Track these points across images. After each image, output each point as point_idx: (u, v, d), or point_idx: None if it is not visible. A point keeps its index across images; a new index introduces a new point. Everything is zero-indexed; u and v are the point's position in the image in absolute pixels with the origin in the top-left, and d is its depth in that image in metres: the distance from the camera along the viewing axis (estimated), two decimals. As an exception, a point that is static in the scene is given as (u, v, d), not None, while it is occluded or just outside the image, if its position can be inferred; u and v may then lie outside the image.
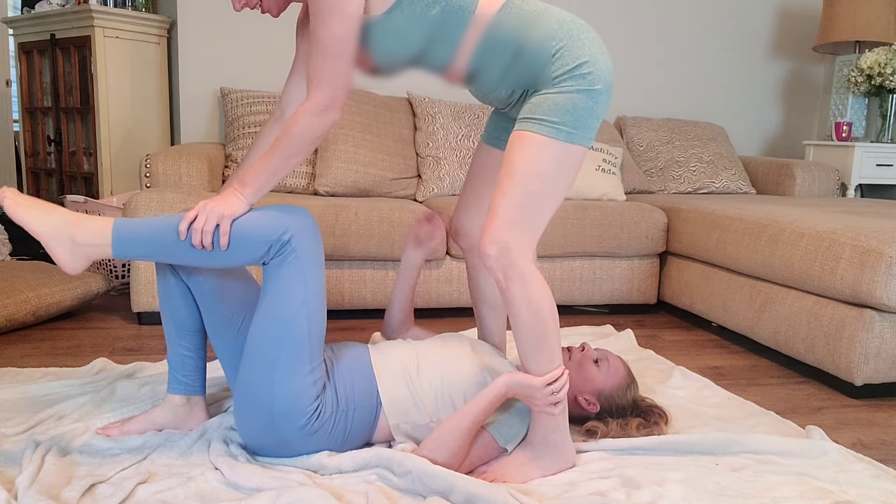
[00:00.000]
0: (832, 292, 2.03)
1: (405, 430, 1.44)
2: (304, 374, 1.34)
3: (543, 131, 1.30)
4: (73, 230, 1.30)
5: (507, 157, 1.33)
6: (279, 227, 1.33)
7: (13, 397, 1.66)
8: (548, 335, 1.33)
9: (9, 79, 4.14)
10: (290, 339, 1.33)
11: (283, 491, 1.22)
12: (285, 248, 1.33)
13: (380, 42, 1.33)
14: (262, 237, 1.32)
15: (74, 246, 1.30)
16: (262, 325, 1.33)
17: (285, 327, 1.32)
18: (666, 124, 3.59)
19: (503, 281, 1.32)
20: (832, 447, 1.55)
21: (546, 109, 1.30)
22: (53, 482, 1.24)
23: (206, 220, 1.30)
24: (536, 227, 1.33)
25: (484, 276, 1.68)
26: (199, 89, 3.22)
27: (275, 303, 1.33)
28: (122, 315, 2.52)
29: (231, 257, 1.33)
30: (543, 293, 1.33)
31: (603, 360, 1.60)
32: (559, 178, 1.32)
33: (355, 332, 2.41)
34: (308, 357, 1.35)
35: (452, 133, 3.08)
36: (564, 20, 1.34)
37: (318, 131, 1.31)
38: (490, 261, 1.31)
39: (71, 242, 1.30)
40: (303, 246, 1.34)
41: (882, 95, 3.59)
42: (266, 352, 1.33)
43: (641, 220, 2.76)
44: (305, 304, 1.34)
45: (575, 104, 1.30)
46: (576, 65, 1.30)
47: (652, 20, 3.77)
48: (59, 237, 1.30)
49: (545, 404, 1.35)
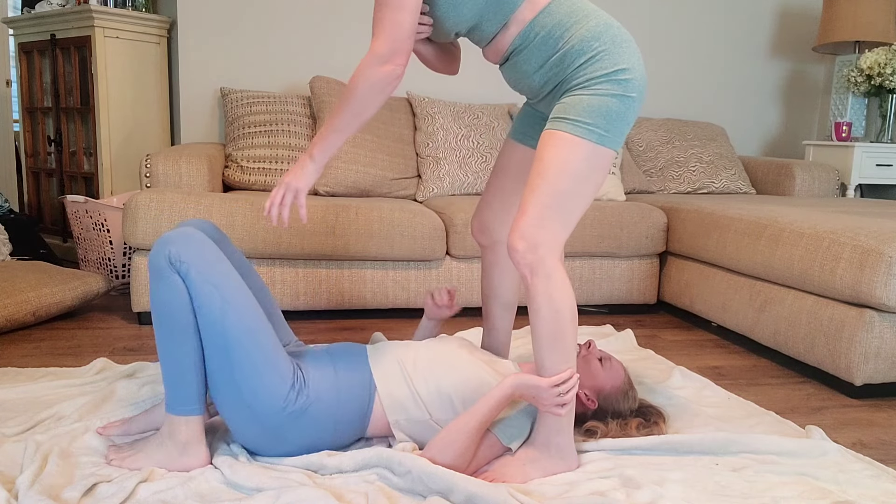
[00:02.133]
0: (832, 292, 2.03)
1: (404, 427, 1.44)
2: (264, 363, 1.33)
3: (576, 132, 1.32)
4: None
5: (539, 156, 1.34)
6: (161, 255, 1.31)
7: (13, 397, 1.66)
8: (565, 335, 1.34)
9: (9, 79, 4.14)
10: (231, 340, 1.31)
11: (283, 491, 1.22)
12: (180, 268, 1.31)
13: (441, 2, 1.36)
14: (158, 266, 1.31)
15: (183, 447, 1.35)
16: (205, 341, 1.33)
17: (221, 332, 1.31)
18: (666, 124, 3.59)
19: (529, 277, 1.33)
20: (832, 447, 1.55)
21: (580, 111, 1.32)
22: (54, 482, 1.24)
23: (284, 194, 1.40)
24: (565, 226, 1.34)
25: (499, 275, 1.69)
26: (199, 89, 3.22)
27: (201, 316, 1.32)
28: (122, 315, 2.52)
29: (155, 298, 1.33)
30: (566, 293, 1.34)
31: (607, 360, 1.60)
32: (589, 178, 1.34)
33: (355, 332, 2.41)
34: (258, 348, 1.33)
35: (452, 133, 3.08)
36: (611, 24, 1.36)
37: (378, 83, 1.32)
38: (518, 256, 1.33)
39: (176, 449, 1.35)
40: (190, 256, 1.31)
41: (882, 95, 3.59)
42: (220, 361, 1.32)
43: (641, 220, 2.76)
44: (226, 302, 1.32)
45: (609, 108, 1.32)
46: (614, 69, 1.32)
47: (652, 20, 3.77)
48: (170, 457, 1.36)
49: (552, 405, 1.35)
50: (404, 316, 2.67)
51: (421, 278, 2.58)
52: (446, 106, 3.16)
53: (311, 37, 3.31)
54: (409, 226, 2.48)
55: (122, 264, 2.84)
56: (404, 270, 2.56)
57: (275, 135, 2.89)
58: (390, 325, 2.53)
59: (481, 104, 3.27)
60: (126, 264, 2.85)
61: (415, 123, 3.16)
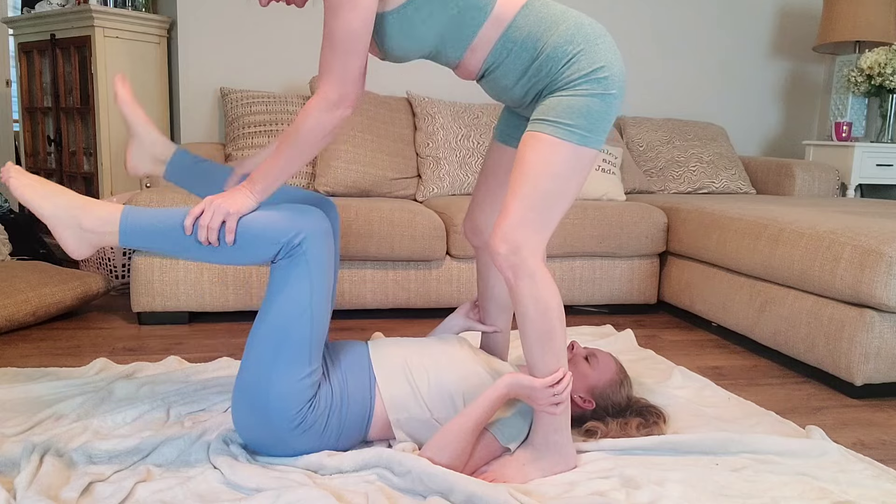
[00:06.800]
0: (832, 292, 2.02)
1: (405, 425, 1.44)
2: (303, 376, 1.34)
3: (557, 133, 1.31)
4: (80, 215, 1.28)
5: (520, 157, 1.34)
6: (292, 228, 1.31)
7: (13, 397, 1.65)
8: (554, 335, 1.34)
9: (9, 79, 4.14)
10: (291, 341, 1.33)
11: (283, 491, 1.22)
12: (296, 251, 1.32)
13: (391, 36, 1.33)
14: (273, 237, 1.31)
15: (82, 231, 1.28)
16: (266, 324, 1.33)
17: (288, 329, 1.32)
18: (666, 124, 3.59)
19: (512, 279, 1.32)
20: (832, 447, 1.55)
21: (560, 111, 1.31)
22: (52, 482, 1.24)
23: (213, 217, 1.29)
24: (547, 227, 1.34)
25: (495, 275, 1.69)
26: (199, 89, 3.21)
27: (280, 304, 1.33)
28: (122, 315, 2.52)
29: (240, 255, 1.32)
30: (552, 293, 1.33)
31: (593, 356, 1.60)
32: (571, 179, 1.33)
33: (355, 332, 2.41)
34: (308, 360, 1.35)
35: (452, 133, 3.08)
36: (582, 24, 1.35)
37: (327, 127, 1.29)
38: (500, 259, 1.32)
39: (79, 228, 1.28)
40: (313, 250, 1.33)
41: (882, 95, 3.59)
42: (267, 350, 1.33)
43: (641, 220, 2.76)
44: (310, 307, 1.33)
45: (589, 107, 1.31)
46: (592, 69, 1.31)
47: (652, 20, 3.77)
48: (66, 221, 1.28)
49: (547, 404, 1.35)
50: (404, 316, 2.67)
51: (421, 278, 2.57)
52: (446, 106, 3.16)
53: (311, 37, 3.31)
54: (409, 226, 2.48)
55: (121, 264, 2.84)
56: (404, 270, 2.56)
57: (275, 135, 2.89)
58: (390, 325, 2.52)
59: (481, 104, 3.27)
60: (126, 264, 2.85)
61: (415, 123, 3.16)
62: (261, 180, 1.32)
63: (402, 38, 1.33)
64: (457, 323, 1.76)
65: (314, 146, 1.31)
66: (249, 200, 1.32)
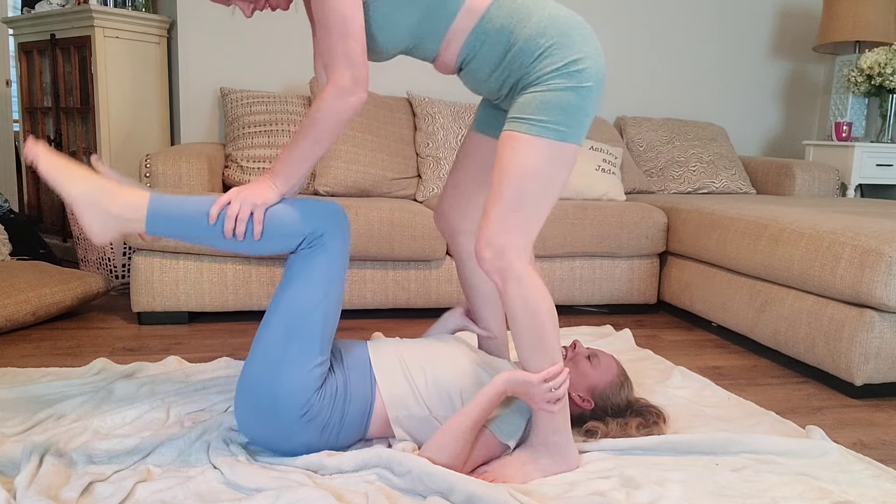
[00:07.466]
0: (832, 292, 2.02)
1: (404, 423, 1.44)
2: (312, 367, 1.35)
3: (533, 131, 1.30)
4: (108, 200, 1.26)
5: (499, 159, 1.33)
6: (316, 220, 1.34)
7: (13, 397, 1.65)
8: (546, 335, 1.34)
9: (9, 79, 4.14)
10: (304, 331, 1.34)
11: (283, 491, 1.22)
12: (316, 243, 1.35)
13: (373, 25, 1.34)
14: (297, 229, 1.34)
15: (108, 217, 1.27)
16: (280, 313, 1.35)
17: (302, 319, 1.34)
18: (666, 124, 3.59)
19: (500, 283, 1.32)
20: (832, 447, 1.55)
21: (535, 108, 1.30)
22: (52, 482, 1.24)
23: (241, 208, 1.30)
24: (531, 227, 1.33)
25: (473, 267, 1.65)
26: (199, 89, 3.21)
27: (296, 293, 1.34)
28: (122, 315, 2.52)
29: (263, 246, 1.34)
30: (540, 294, 1.33)
31: (595, 356, 1.60)
32: (552, 177, 1.32)
33: (355, 332, 2.41)
34: (318, 351, 1.36)
35: (452, 133, 3.08)
36: (557, 17, 1.33)
37: (344, 114, 1.30)
38: (486, 264, 1.32)
39: (105, 213, 1.27)
40: (334, 244, 1.36)
41: (882, 95, 3.59)
42: (279, 339, 1.34)
43: (641, 220, 2.76)
44: (325, 299, 1.35)
45: (565, 102, 1.30)
46: (565, 63, 1.30)
47: (652, 20, 3.77)
48: (93, 206, 1.26)
49: (544, 401, 1.35)
50: (404, 316, 2.67)
51: (421, 278, 2.57)
52: (446, 106, 3.16)
53: (310, 37, 3.31)
54: (409, 226, 2.48)
55: (121, 264, 2.84)
56: (404, 270, 2.56)
57: (275, 135, 2.89)
58: (390, 325, 2.52)
59: (481, 104, 3.27)
60: (126, 264, 2.85)
61: (415, 123, 3.16)
62: (282, 172, 1.34)
63: (383, 27, 1.33)
64: (453, 321, 1.75)
65: (331, 134, 1.31)
66: (273, 192, 1.34)
